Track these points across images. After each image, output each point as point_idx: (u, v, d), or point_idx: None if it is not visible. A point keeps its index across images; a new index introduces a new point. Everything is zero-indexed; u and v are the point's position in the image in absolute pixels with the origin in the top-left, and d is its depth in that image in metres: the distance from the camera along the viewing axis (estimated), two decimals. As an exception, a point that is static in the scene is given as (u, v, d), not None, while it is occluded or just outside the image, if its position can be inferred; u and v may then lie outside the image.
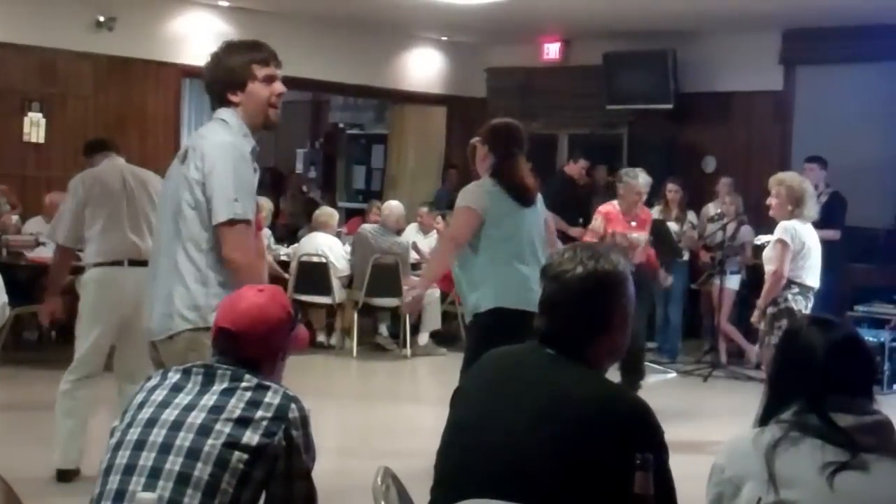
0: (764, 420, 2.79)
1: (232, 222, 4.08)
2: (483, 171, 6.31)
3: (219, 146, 4.14)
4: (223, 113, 4.28)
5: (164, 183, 4.41)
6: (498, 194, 6.18)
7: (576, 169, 12.34)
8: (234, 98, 4.25)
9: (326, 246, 11.30)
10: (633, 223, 8.78)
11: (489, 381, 2.99)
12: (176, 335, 4.14)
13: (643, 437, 2.69)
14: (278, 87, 4.29)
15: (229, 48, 4.34)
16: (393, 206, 11.75)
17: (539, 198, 6.49)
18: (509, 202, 6.19)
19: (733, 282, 11.15)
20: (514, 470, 2.75)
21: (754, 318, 7.42)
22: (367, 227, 11.61)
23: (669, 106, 13.10)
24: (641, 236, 8.80)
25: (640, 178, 8.85)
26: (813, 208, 7.41)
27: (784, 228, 7.28)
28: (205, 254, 4.15)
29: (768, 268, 7.31)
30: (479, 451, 2.84)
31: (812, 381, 2.73)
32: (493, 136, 6.34)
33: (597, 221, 8.79)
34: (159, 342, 4.23)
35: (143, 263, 4.90)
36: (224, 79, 4.26)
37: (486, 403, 2.91)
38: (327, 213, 11.96)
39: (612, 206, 8.84)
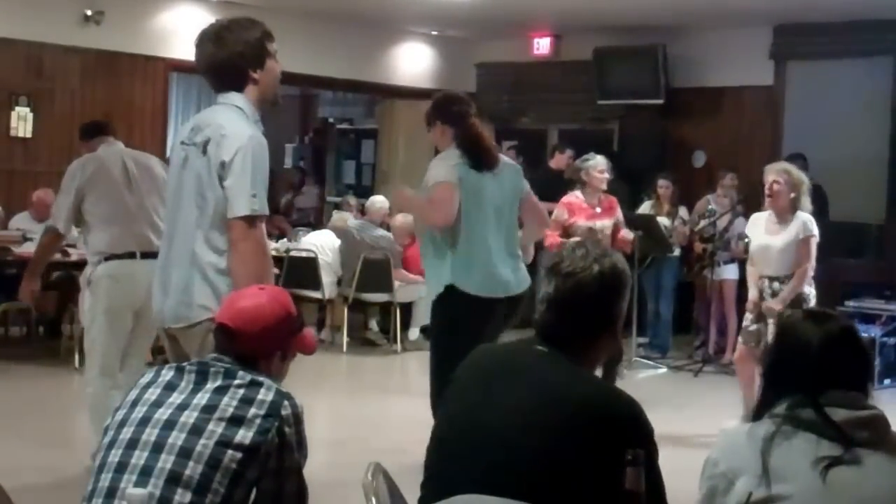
0: (759, 414, 2.78)
1: (249, 218, 4.02)
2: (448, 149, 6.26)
3: (240, 138, 4.04)
4: (236, 99, 4.18)
5: (178, 169, 4.25)
6: (463, 166, 6.13)
7: (562, 160, 12.32)
8: (255, 75, 4.18)
9: (329, 246, 11.32)
10: (598, 209, 8.77)
11: (480, 376, 2.99)
12: (197, 323, 4.10)
13: (634, 435, 2.69)
14: (279, 63, 4.29)
15: (239, 24, 4.26)
16: (377, 200, 11.82)
17: (517, 169, 6.48)
18: (473, 172, 6.14)
19: (731, 272, 11.14)
20: (505, 466, 2.75)
21: (776, 304, 7.43)
22: (351, 223, 11.63)
23: (660, 101, 13.09)
24: (607, 223, 8.79)
25: (598, 157, 8.89)
26: (808, 201, 7.60)
27: (813, 223, 7.46)
28: (227, 244, 4.09)
29: (802, 263, 7.48)
30: (470, 447, 2.84)
31: (806, 375, 2.73)
32: (440, 109, 6.27)
33: (559, 211, 8.76)
34: (176, 329, 4.20)
35: (155, 255, 4.71)
36: (247, 54, 4.17)
37: (477, 399, 2.91)
38: (345, 217, 12.10)
39: (574, 196, 8.84)
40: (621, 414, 2.76)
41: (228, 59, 4.18)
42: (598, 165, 8.86)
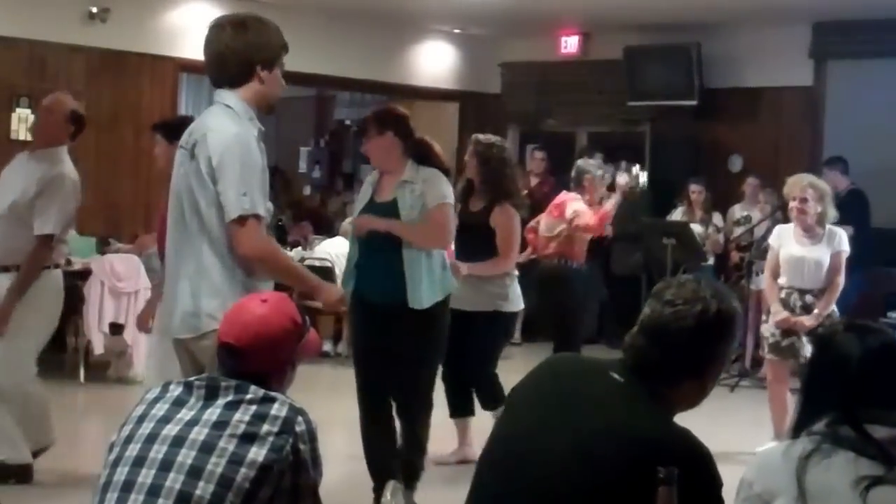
0: (796, 432, 2.78)
1: (241, 219, 4.12)
2: (396, 163, 6.17)
3: (224, 139, 4.16)
4: (227, 97, 4.29)
5: (177, 175, 4.38)
6: None
7: (590, 167, 12.30)
8: (262, 74, 4.27)
9: (343, 254, 11.28)
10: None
11: (548, 393, 2.94)
12: (207, 333, 4.15)
13: (696, 485, 2.60)
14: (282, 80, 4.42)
15: (262, 23, 4.35)
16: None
17: None
18: None
19: None
20: (555, 492, 2.71)
21: (809, 321, 7.46)
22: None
23: (694, 102, 13.07)
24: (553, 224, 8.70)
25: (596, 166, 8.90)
26: (834, 210, 7.71)
27: (845, 237, 7.62)
28: (230, 249, 4.19)
29: (834, 278, 7.60)
30: (521, 467, 2.81)
31: (845, 391, 2.72)
32: (398, 122, 6.24)
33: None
34: (189, 340, 4.29)
35: None
36: (263, 51, 4.28)
37: (538, 418, 2.86)
38: None
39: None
40: (686, 461, 2.59)
41: (243, 49, 4.27)
42: (608, 180, 8.97)
